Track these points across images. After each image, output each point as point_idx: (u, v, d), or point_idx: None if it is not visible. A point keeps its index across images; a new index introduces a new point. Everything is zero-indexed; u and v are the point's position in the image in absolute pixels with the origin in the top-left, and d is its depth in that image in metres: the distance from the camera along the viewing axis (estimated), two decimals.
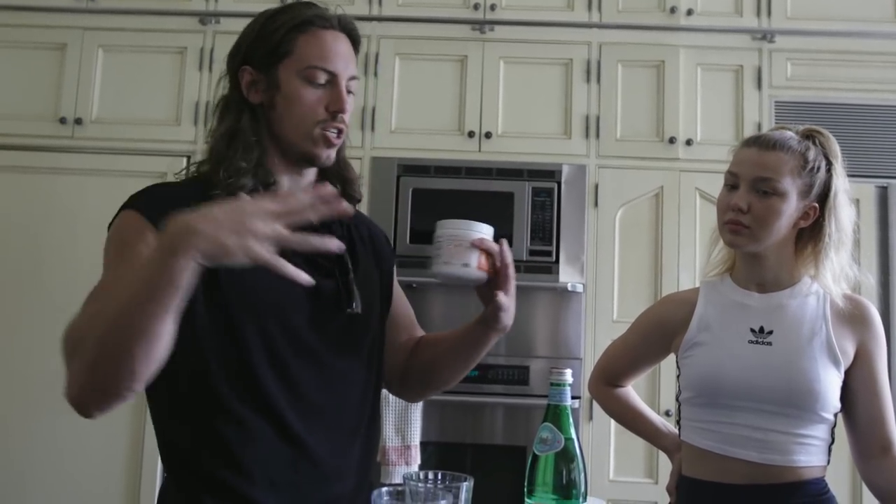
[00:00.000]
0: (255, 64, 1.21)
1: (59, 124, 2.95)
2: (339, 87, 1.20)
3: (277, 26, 1.21)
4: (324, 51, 1.20)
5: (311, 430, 1.16)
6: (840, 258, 1.44)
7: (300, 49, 1.19)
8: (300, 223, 0.94)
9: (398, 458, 2.65)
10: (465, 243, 1.13)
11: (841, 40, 2.94)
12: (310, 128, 1.19)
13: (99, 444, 2.79)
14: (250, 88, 1.22)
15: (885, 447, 1.41)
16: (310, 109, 1.19)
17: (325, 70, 1.19)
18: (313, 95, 1.19)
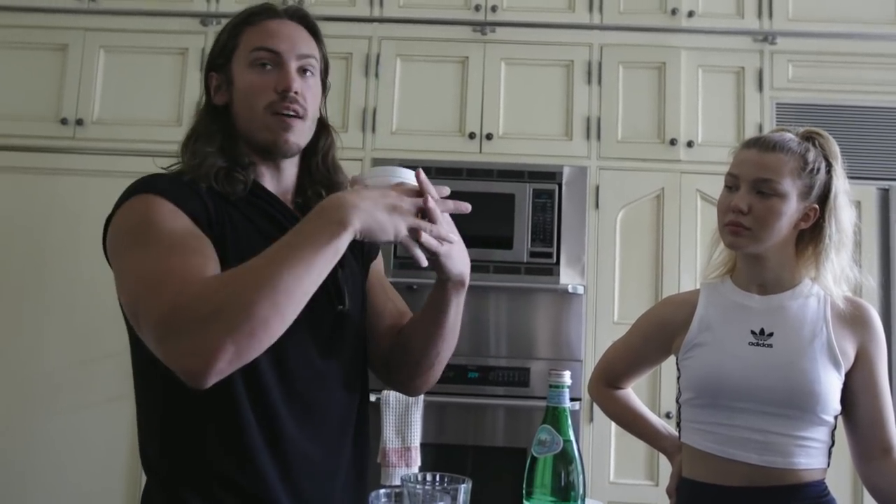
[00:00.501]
0: (215, 67, 1.24)
1: (61, 125, 2.96)
2: (285, 66, 1.19)
3: (229, 26, 1.25)
4: (265, 34, 1.21)
5: (302, 427, 1.16)
6: (841, 259, 1.44)
7: (245, 39, 1.21)
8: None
9: (398, 460, 2.64)
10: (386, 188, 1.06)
11: (842, 42, 2.94)
12: (261, 113, 1.18)
13: (99, 444, 2.79)
14: (216, 92, 1.24)
15: (885, 449, 1.41)
16: (258, 93, 1.18)
17: (267, 50, 1.19)
18: (260, 79, 1.19)
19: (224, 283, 0.98)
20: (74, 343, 2.81)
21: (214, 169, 1.16)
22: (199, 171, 1.16)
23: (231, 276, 0.98)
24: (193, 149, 1.19)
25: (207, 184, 1.15)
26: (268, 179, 1.24)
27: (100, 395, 2.80)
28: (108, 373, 2.80)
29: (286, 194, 1.26)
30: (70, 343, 2.81)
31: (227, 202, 1.17)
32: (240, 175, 1.17)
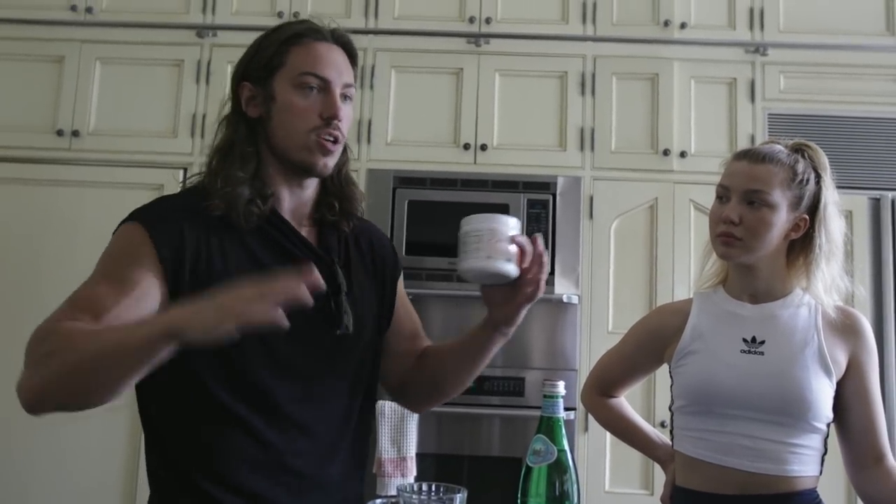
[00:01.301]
0: (252, 79, 1.24)
1: (57, 136, 2.96)
2: (332, 94, 1.21)
3: (272, 41, 1.24)
4: (315, 59, 1.22)
5: (290, 443, 1.18)
6: (831, 269, 1.45)
7: (292, 59, 1.22)
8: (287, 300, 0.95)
9: (394, 470, 2.65)
10: (506, 238, 1.09)
11: (833, 53, 2.97)
12: (304, 135, 1.20)
13: (97, 453, 2.79)
14: (248, 103, 1.24)
15: (877, 457, 1.42)
16: (303, 116, 1.20)
17: (316, 76, 1.21)
18: (306, 102, 1.20)
19: (68, 344, 1.02)
20: None
21: (238, 200, 1.17)
22: (224, 198, 1.18)
23: (72, 332, 1.03)
24: (226, 173, 1.19)
25: (225, 213, 1.17)
26: (287, 198, 1.25)
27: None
28: None
29: (304, 208, 1.28)
30: None
31: (232, 229, 1.19)
32: (257, 208, 1.19)
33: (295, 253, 1.21)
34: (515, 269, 1.11)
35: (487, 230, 1.09)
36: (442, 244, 2.82)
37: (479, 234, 1.09)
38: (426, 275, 2.80)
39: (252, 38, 1.31)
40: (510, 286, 1.14)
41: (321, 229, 1.29)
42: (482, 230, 1.09)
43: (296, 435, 1.18)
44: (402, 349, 1.37)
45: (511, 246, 1.09)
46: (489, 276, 1.12)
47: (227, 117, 1.27)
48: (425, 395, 1.41)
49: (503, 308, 1.18)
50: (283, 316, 0.94)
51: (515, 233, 1.10)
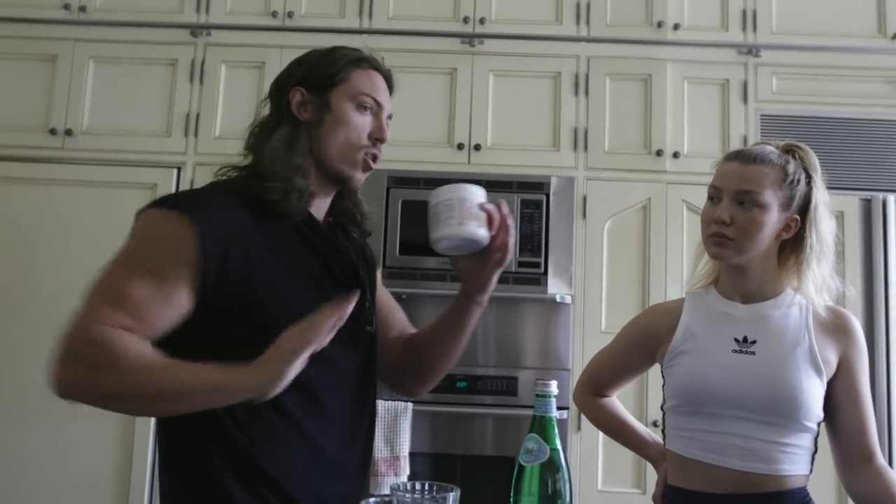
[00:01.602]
0: (308, 86, 1.31)
1: (50, 135, 2.96)
2: (381, 118, 1.34)
3: (336, 58, 1.34)
4: (375, 84, 1.34)
5: (327, 434, 1.24)
6: (822, 269, 1.47)
7: (355, 79, 1.32)
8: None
9: (387, 469, 2.65)
10: (475, 205, 1.17)
11: (826, 55, 2.99)
12: (353, 150, 1.30)
13: (87, 456, 2.78)
14: (300, 107, 1.31)
15: (866, 457, 1.43)
16: (355, 131, 1.30)
17: (374, 99, 1.32)
18: (361, 120, 1.31)
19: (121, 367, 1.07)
20: None
21: (294, 189, 1.24)
22: (284, 184, 1.23)
23: (130, 352, 1.07)
24: (292, 162, 1.25)
25: (280, 197, 1.23)
26: (315, 203, 1.32)
27: (85, 408, 2.79)
28: None
29: (321, 216, 1.35)
30: None
31: (272, 224, 1.23)
32: (305, 201, 1.26)
33: (329, 255, 1.29)
34: (486, 233, 1.19)
35: (458, 199, 1.16)
36: None
37: (450, 203, 1.16)
38: (420, 274, 2.81)
39: (246, 37, 1.35)
40: (480, 255, 1.24)
41: (335, 234, 1.37)
42: (452, 199, 1.16)
43: (329, 422, 1.25)
44: (390, 338, 1.45)
45: (480, 213, 1.18)
46: (463, 242, 1.18)
47: (277, 118, 1.31)
48: (419, 378, 1.47)
49: (475, 277, 1.29)
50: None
51: (483, 200, 1.19)
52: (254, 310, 1.19)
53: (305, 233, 1.28)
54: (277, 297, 1.20)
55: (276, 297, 1.20)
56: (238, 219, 1.20)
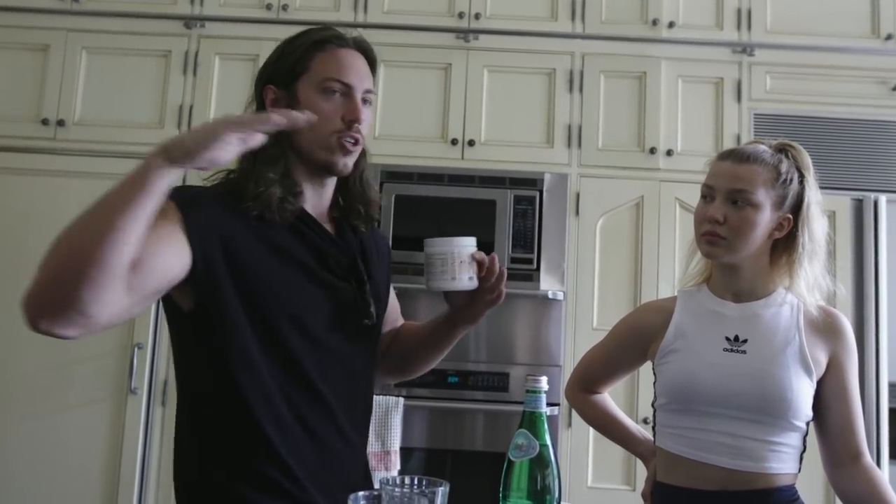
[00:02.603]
0: (276, 82, 1.30)
1: (42, 125, 2.94)
2: (353, 98, 1.28)
3: (296, 46, 1.30)
4: (339, 65, 1.28)
5: (329, 423, 1.26)
6: (814, 268, 1.47)
7: (317, 65, 1.28)
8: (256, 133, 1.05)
9: (378, 464, 2.65)
10: (467, 259, 1.24)
11: (819, 55, 2.99)
12: (327, 137, 1.26)
13: (76, 448, 2.77)
14: (273, 106, 1.29)
15: (854, 456, 1.44)
16: (326, 119, 1.26)
17: (339, 81, 1.27)
18: (329, 106, 1.27)
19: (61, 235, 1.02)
20: (52, 347, 2.78)
21: (272, 199, 1.23)
22: (259, 199, 1.23)
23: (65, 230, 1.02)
24: (258, 174, 1.24)
25: (261, 211, 1.23)
26: (310, 197, 1.32)
27: (77, 399, 2.79)
28: (85, 377, 2.79)
29: (323, 206, 1.35)
30: (47, 347, 2.78)
31: (267, 225, 1.24)
32: (290, 205, 1.25)
33: (324, 248, 1.29)
34: (476, 281, 1.26)
35: (450, 254, 1.23)
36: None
37: (444, 258, 1.23)
38: (413, 269, 2.80)
39: (240, 29, 1.33)
40: (471, 293, 1.28)
41: (339, 227, 1.36)
42: (445, 253, 1.23)
43: (329, 412, 1.26)
44: (384, 330, 1.47)
45: (471, 265, 1.24)
46: (451, 292, 1.28)
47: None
48: (394, 368, 1.51)
49: (466, 311, 1.33)
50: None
51: (474, 250, 1.25)
52: (248, 306, 1.20)
53: (301, 229, 1.28)
54: (272, 291, 1.22)
55: (271, 291, 1.22)
56: (230, 220, 1.21)
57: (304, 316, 1.25)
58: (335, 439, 1.27)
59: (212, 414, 1.23)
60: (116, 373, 2.78)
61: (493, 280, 1.27)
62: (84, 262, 0.97)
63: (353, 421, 1.32)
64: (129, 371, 2.76)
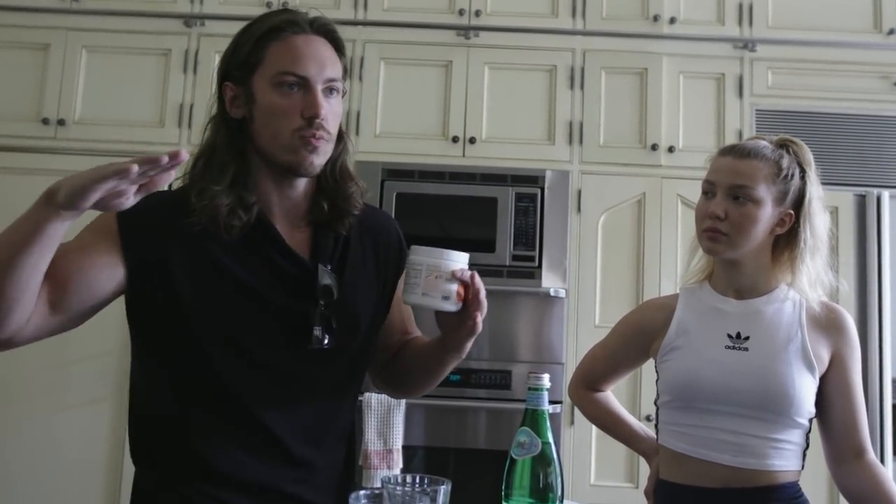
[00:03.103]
0: (233, 78, 1.19)
1: (42, 125, 2.94)
2: (313, 91, 1.15)
3: (249, 37, 1.19)
4: (293, 56, 1.16)
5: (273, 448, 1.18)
6: (815, 264, 1.46)
7: (270, 56, 1.16)
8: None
9: (380, 462, 2.65)
10: (445, 274, 1.09)
11: (821, 50, 2.98)
12: (286, 137, 1.15)
13: (77, 446, 2.77)
14: (232, 103, 1.19)
15: (857, 452, 1.43)
16: (285, 116, 1.15)
17: (294, 75, 1.15)
18: (287, 102, 1.15)
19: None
20: (52, 345, 2.77)
21: (217, 212, 1.14)
22: (203, 212, 1.14)
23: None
24: (202, 186, 1.15)
25: (204, 226, 1.14)
26: (276, 202, 1.21)
27: (78, 397, 2.79)
28: (86, 375, 2.79)
29: (298, 209, 1.23)
30: (48, 345, 2.77)
31: (212, 237, 1.16)
32: (238, 220, 1.15)
33: (278, 262, 1.18)
34: (454, 306, 1.11)
35: (427, 265, 1.09)
36: (430, 237, 2.80)
37: (419, 269, 1.09)
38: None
39: (240, 27, 1.28)
40: (456, 315, 1.13)
41: (317, 230, 1.24)
42: (422, 264, 1.09)
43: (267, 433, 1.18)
44: (391, 342, 1.35)
45: (450, 284, 1.09)
46: (427, 309, 1.12)
47: (213, 118, 1.23)
48: (395, 384, 1.40)
49: (450, 335, 1.18)
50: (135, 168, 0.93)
51: (458, 268, 1.10)
52: (181, 328, 1.14)
53: (254, 238, 1.17)
54: (204, 312, 1.14)
55: (203, 312, 1.14)
56: (171, 235, 1.14)
57: (242, 338, 1.15)
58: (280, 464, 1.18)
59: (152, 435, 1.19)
60: (117, 372, 2.78)
61: (470, 308, 1.11)
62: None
63: (311, 442, 1.21)
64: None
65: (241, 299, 1.16)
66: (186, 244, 1.15)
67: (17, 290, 1.00)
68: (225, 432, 1.15)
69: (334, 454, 1.26)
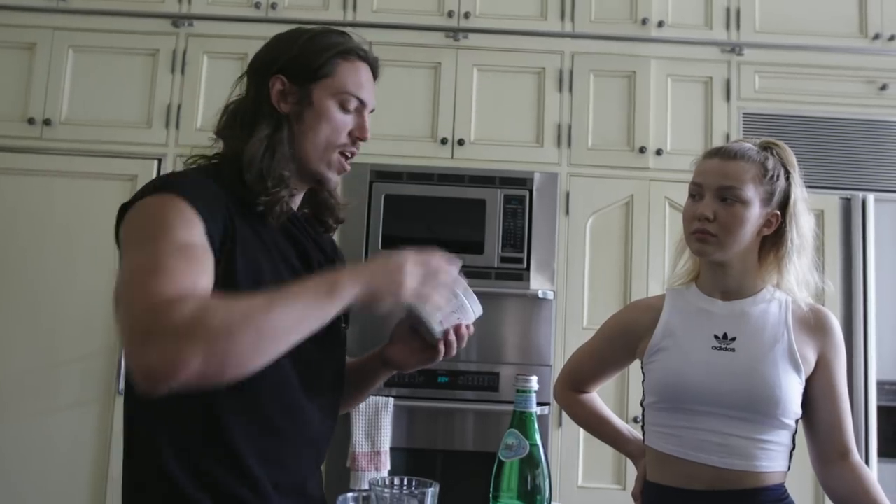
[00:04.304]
0: (290, 76, 1.23)
1: (28, 125, 2.92)
2: (364, 117, 1.28)
3: (322, 48, 1.25)
4: (361, 81, 1.27)
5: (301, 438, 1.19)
6: (802, 264, 1.48)
7: (340, 74, 1.25)
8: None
9: (367, 464, 2.64)
10: (460, 314, 1.19)
11: (808, 54, 3.01)
12: (331, 149, 1.24)
13: (65, 449, 2.75)
14: (280, 98, 1.23)
15: (842, 453, 1.44)
16: (336, 131, 1.24)
17: (358, 98, 1.26)
18: (344, 119, 1.25)
19: (216, 304, 0.96)
20: (40, 347, 2.77)
21: (283, 201, 1.20)
22: (272, 199, 1.18)
23: (226, 301, 0.96)
24: (280, 175, 1.19)
25: (268, 209, 1.18)
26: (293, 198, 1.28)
27: (66, 399, 2.77)
28: (73, 377, 2.77)
29: (296, 203, 1.31)
30: (35, 347, 2.77)
31: (255, 219, 1.18)
32: (286, 206, 1.21)
33: (304, 243, 1.26)
34: (440, 332, 1.19)
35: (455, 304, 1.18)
36: (418, 239, 2.81)
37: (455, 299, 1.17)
38: None
39: (228, 28, 1.30)
40: (421, 340, 1.24)
41: (312, 227, 1.33)
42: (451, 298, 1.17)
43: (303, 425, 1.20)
44: None
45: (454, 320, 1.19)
46: (420, 320, 1.18)
47: (256, 107, 1.24)
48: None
49: (403, 350, 1.28)
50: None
51: (471, 321, 1.21)
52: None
53: (287, 227, 1.24)
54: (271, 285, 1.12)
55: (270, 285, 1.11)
56: (227, 208, 1.14)
57: None
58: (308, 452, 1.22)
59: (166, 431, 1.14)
60: (104, 374, 2.76)
61: (448, 347, 1.22)
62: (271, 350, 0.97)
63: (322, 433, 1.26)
64: (117, 372, 2.74)
65: (291, 278, 1.16)
66: (244, 223, 1.16)
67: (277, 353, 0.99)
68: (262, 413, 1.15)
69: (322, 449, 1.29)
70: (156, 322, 0.91)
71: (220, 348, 0.91)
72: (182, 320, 0.91)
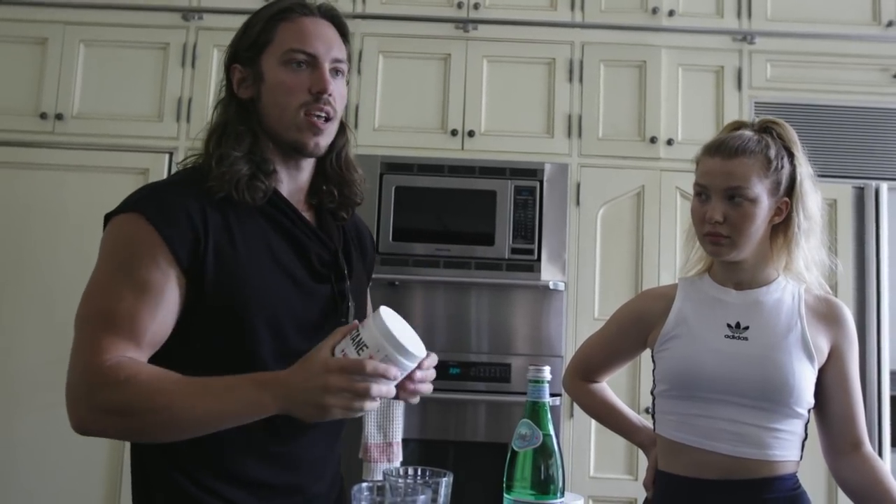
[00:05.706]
0: (242, 60, 1.22)
1: (40, 119, 2.93)
2: (320, 69, 1.19)
3: (259, 18, 1.22)
4: (302, 34, 1.19)
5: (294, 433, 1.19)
6: (810, 245, 1.47)
7: (280, 36, 1.19)
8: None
9: (380, 455, 2.66)
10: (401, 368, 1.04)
11: (820, 42, 2.98)
12: (293, 113, 1.18)
13: (79, 442, 2.76)
14: (240, 85, 1.22)
15: (855, 444, 1.44)
16: (291, 93, 1.18)
17: (303, 52, 1.18)
18: (294, 79, 1.18)
19: (140, 386, 1.03)
20: (54, 340, 2.78)
21: (238, 177, 1.15)
22: (223, 178, 1.15)
23: (148, 385, 1.03)
24: (221, 152, 1.17)
25: (227, 192, 1.14)
26: (285, 180, 1.23)
27: None
28: None
29: (301, 192, 1.26)
30: (49, 340, 2.78)
31: (238, 210, 1.16)
32: (261, 184, 1.17)
33: (300, 237, 1.21)
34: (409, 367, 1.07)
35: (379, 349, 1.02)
36: (429, 230, 2.82)
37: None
38: (413, 261, 2.80)
39: (238, 21, 1.30)
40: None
41: (319, 215, 1.28)
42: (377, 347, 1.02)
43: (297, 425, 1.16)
44: None
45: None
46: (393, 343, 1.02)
47: (221, 101, 1.25)
48: None
49: None
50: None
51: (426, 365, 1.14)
52: (233, 307, 1.12)
53: (273, 214, 1.19)
54: (253, 291, 1.13)
55: (252, 290, 1.13)
56: (198, 207, 1.12)
57: (281, 320, 1.16)
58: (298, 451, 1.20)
59: None
60: None
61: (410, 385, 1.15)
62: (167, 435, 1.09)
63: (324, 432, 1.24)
64: None
65: (280, 273, 1.17)
66: (220, 222, 1.14)
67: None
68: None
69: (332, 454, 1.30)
70: (88, 394, 1.06)
71: (136, 429, 1.07)
72: (104, 402, 1.04)
